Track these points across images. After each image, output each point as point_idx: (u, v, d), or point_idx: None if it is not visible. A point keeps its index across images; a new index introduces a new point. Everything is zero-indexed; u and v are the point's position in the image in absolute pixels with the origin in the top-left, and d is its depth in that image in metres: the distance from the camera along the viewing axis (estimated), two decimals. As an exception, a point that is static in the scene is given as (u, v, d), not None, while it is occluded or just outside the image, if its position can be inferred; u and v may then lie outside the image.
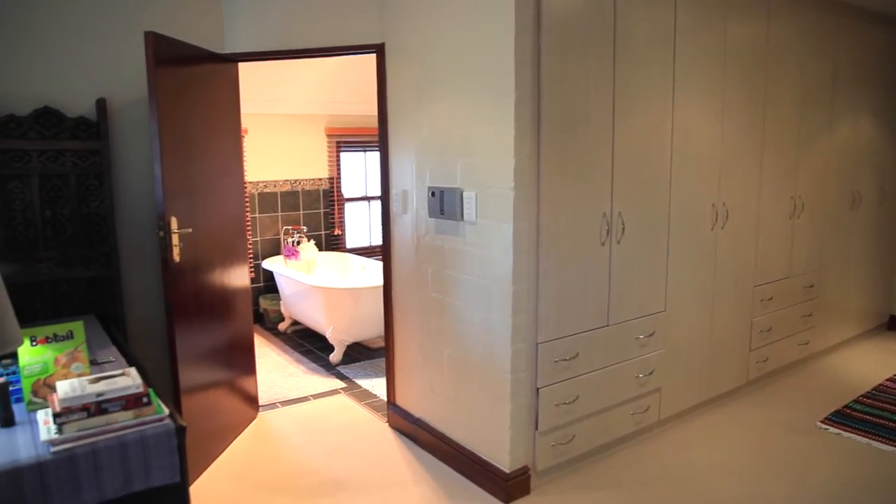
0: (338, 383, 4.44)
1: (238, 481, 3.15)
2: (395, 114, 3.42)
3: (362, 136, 6.57)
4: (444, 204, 3.03)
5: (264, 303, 5.94)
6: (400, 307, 3.55)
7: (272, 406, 4.06)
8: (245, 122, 3.81)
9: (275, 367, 4.77)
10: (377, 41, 3.43)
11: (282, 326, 5.76)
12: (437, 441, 3.30)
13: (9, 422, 1.95)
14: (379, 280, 4.67)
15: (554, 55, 2.71)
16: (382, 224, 3.59)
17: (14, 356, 2.17)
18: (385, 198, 3.55)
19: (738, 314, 3.88)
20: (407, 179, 3.36)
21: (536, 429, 2.93)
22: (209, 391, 3.37)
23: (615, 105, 2.99)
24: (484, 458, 3.01)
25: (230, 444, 3.54)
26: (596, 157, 2.96)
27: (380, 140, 3.53)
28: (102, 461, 1.84)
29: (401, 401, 3.65)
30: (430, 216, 3.17)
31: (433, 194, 3.10)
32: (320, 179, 6.40)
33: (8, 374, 2.12)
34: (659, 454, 3.33)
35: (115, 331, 3.03)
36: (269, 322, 5.93)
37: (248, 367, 3.83)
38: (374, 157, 6.80)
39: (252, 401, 3.87)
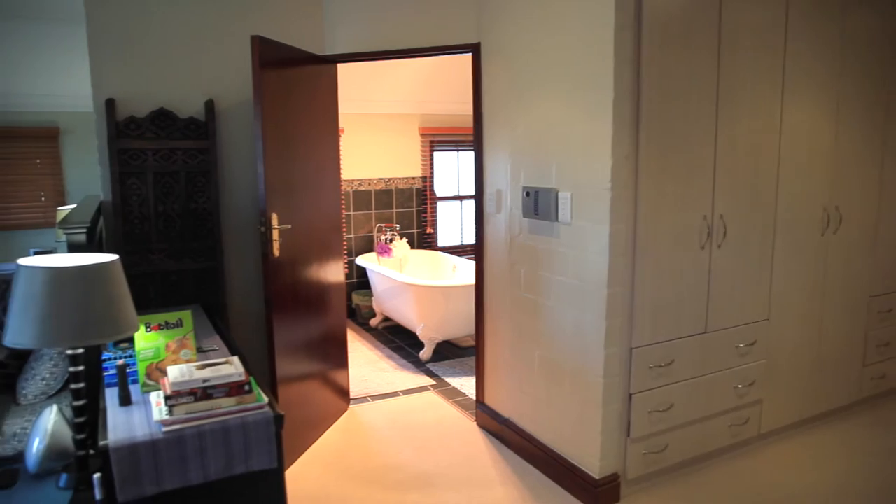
0: (427, 380, 4.48)
1: (329, 470, 3.24)
2: (490, 113, 3.42)
3: (455, 135, 6.61)
4: (538, 204, 3.00)
5: (357, 298, 6.09)
6: (491, 306, 3.55)
7: (363, 400, 4.15)
8: (341, 121, 3.91)
9: (366, 362, 4.88)
10: (473, 41, 3.44)
11: (373, 322, 5.89)
12: (526, 443, 3.27)
13: (126, 401, 2.09)
14: (470, 279, 4.69)
15: (655, 52, 2.63)
16: (476, 223, 3.60)
17: (130, 341, 2.32)
18: (479, 197, 3.56)
19: (850, 326, 3.64)
20: (501, 179, 3.35)
21: (628, 436, 2.86)
22: (304, 382, 3.48)
23: (719, 103, 2.87)
24: (573, 462, 2.96)
25: (322, 434, 3.64)
26: (697, 157, 2.85)
27: (474, 139, 3.53)
28: (207, 443, 1.94)
29: (489, 400, 3.64)
30: (523, 216, 3.15)
31: (528, 194, 3.08)
32: (413, 178, 6.49)
33: (126, 357, 2.27)
34: (757, 471, 3.16)
35: (218, 320, 3.18)
36: (360, 317, 6.07)
37: (341, 360, 3.93)
38: (466, 156, 6.84)
39: (343, 394, 3.97)
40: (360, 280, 6.27)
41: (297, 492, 3.03)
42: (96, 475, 1.90)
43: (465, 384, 4.35)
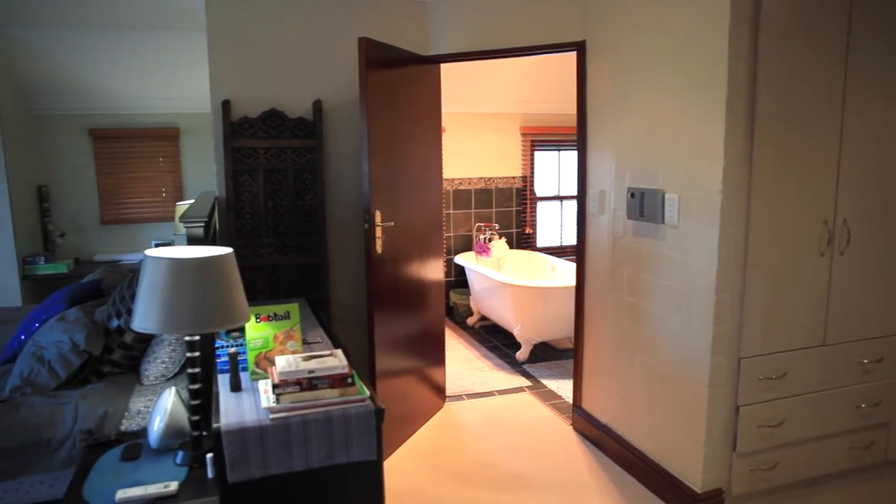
0: (523, 381, 4.45)
1: (423, 466, 3.28)
2: (594, 112, 3.35)
3: (557, 134, 6.53)
4: (643, 205, 2.91)
5: (454, 297, 6.13)
6: (592, 309, 3.48)
7: (458, 398, 4.18)
8: (443, 120, 3.96)
9: (462, 361, 4.91)
10: (578, 38, 3.38)
11: (470, 321, 5.91)
12: (623, 450, 3.18)
13: (237, 387, 2.20)
14: (569, 280, 4.62)
15: (773, 47, 2.49)
16: (577, 224, 3.54)
17: (241, 330, 2.45)
18: (581, 198, 3.49)
19: None
20: (605, 179, 3.28)
21: (734, 450, 2.72)
22: (401, 377, 3.55)
23: (845, 101, 2.67)
24: (673, 473, 2.85)
25: (417, 429, 3.69)
26: (818, 159, 2.67)
27: (578, 139, 3.48)
28: (311, 432, 2.01)
29: (587, 405, 3.57)
30: (628, 217, 3.07)
31: (632, 195, 2.99)
32: (513, 178, 6.47)
33: (237, 346, 2.39)
34: (880, 501, 2.93)
35: (321, 314, 3.29)
36: (458, 316, 6.11)
37: (438, 358, 3.98)
38: (568, 156, 6.74)
39: (440, 391, 4.01)
40: (457, 278, 6.31)
41: (392, 485, 3.08)
42: (209, 455, 2.01)
43: (562, 387, 4.28)
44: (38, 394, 2.50)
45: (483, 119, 6.27)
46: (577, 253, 3.56)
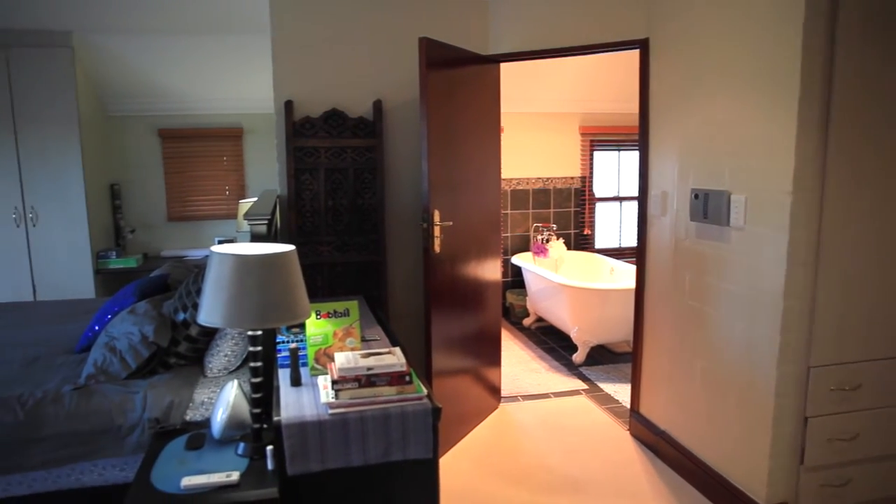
0: (579, 384, 4.40)
1: (478, 466, 3.28)
2: (657, 111, 3.28)
3: (617, 134, 6.42)
4: (708, 207, 2.83)
5: (511, 297, 6.11)
6: (652, 312, 3.41)
7: (513, 399, 4.15)
8: (501, 120, 3.94)
9: (518, 361, 4.88)
10: (641, 36, 3.32)
11: (526, 322, 5.87)
12: (682, 458, 3.11)
13: (297, 382, 2.25)
14: (628, 283, 4.54)
15: (852, 41, 2.38)
16: (638, 226, 3.47)
17: (302, 326, 2.49)
18: (642, 198, 3.43)
19: None
20: (667, 180, 3.21)
21: (801, 463, 2.62)
22: (457, 377, 3.55)
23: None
24: (735, 485, 2.76)
25: (472, 429, 3.69)
26: (899, 159, 2.54)
27: (640, 139, 3.41)
28: (368, 429, 2.03)
29: (645, 410, 3.50)
30: (691, 219, 2.99)
31: (696, 196, 2.92)
32: (572, 178, 6.40)
33: (297, 341, 2.43)
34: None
35: (379, 312, 3.32)
36: (514, 316, 6.08)
37: (494, 358, 3.96)
38: (628, 156, 6.62)
39: (495, 391, 4.00)
40: (514, 279, 6.28)
41: (447, 484, 3.09)
42: (269, 447, 2.06)
43: (619, 391, 4.21)
44: (111, 382, 2.61)
45: (542, 118, 6.22)
46: (637, 255, 3.50)
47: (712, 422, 2.91)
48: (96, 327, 3.09)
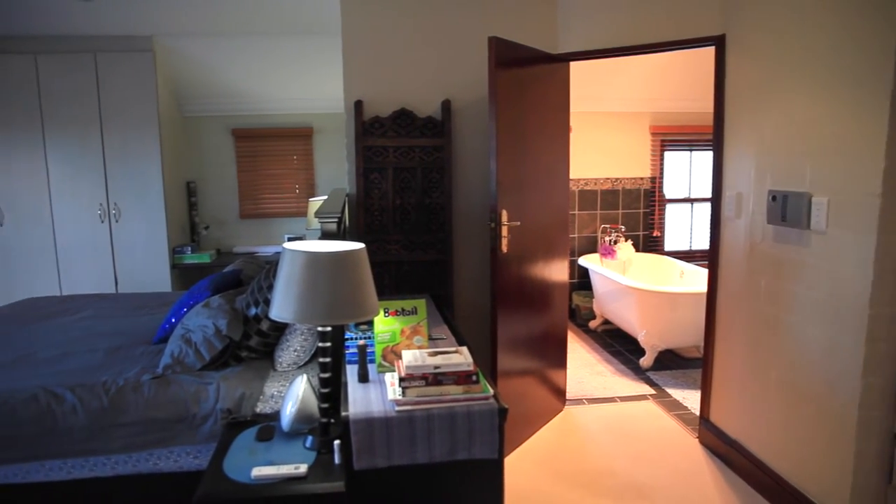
0: (646, 389, 4.30)
1: (541, 468, 3.25)
2: (732, 110, 3.17)
3: (689, 134, 6.25)
4: (786, 209, 2.72)
5: (577, 299, 6.03)
6: (724, 318, 3.30)
7: (578, 402, 4.10)
8: (570, 120, 3.90)
9: (583, 364, 4.81)
10: (717, 32, 3.22)
11: (592, 324, 5.79)
12: (755, 469, 2.99)
13: (364, 378, 2.27)
14: (699, 286, 4.41)
15: (950, 36, 2.24)
16: (711, 228, 3.36)
17: (369, 323, 2.52)
18: (716, 200, 3.32)
19: None
20: (743, 181, 3.10)
21: (889, 482, 2.48)
22: (522, 378, 3.53)
23: None
24: (813, 500, 2.64)
25: (536, 431, 3.66)
26: None
27: (714, 138, 3.31)
28: (434, 427, 2.04)
29: (715, 418, 3.39)
30: (767, 222, 2.88)
31: (774, 198, 2.80)
32: (641, 179, 6.26)
33: (365, 338, 2.46)
34: None
35: (445, 310, 3.33)
36: (580, 318, 6.00)
37: (560, 360, 3.92)
38: (700, 156, 6.43)
39: (560, 394, 3.95)
40: (581, 280, 6.20)
41: (510, 485, 3.07)
42: (336, 442, 2.09)
43: (688, 397, 4.10)
44: (186, 373, 2.71)
45: (611, 118, 6.11)
46: (709, 258, 3.39)
47: (789, 433, 2.80)
48: (173, 319, 3.21)
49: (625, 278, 4.96)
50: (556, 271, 3.80)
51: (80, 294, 4.69)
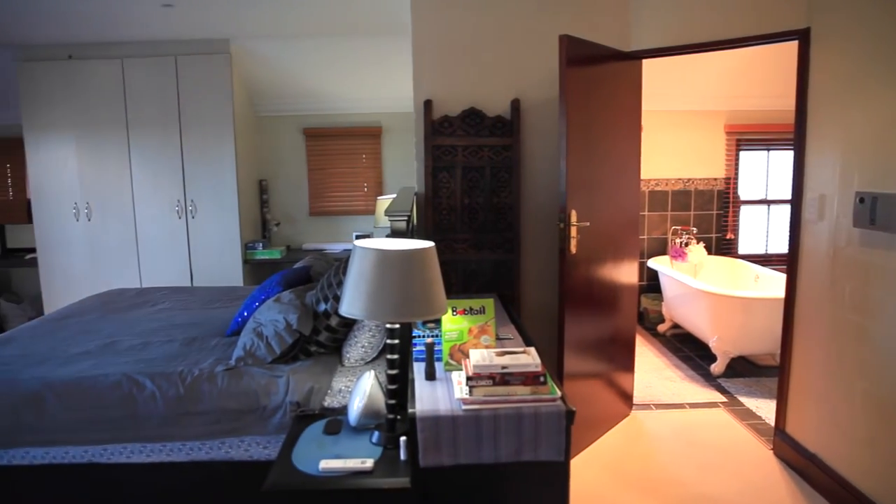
0: (717, 396, 4.16)
1: (606, 473, 3.19)
2: (816, 107, 3.03)
3: (767, 132, 6.01)
4: (876, 212, 2.58)
5: (645, 302, 5.89)
6: (803, 325, 3.16)
7: (646, 407, 4.00)
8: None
9: (651, 369, 4.70)
10: (801, 26, 3.08)
11: (661, 328, 5.65)
12: (835, 485, 2.85)
13: (431, 376, 2.28)
14: (776, 292, 4.24)
15: None
16: (790, 231, 3.23)
17: (437, 322, 2.53)
18: (796, 202, 3.18)
19: None
20: (826, 182, 2.96)
21: (985, 502, 2.33)
22: (589, 380, 3.47)
23: None
24: (901, 519, 2.50)
25: (601, 435, 3.60)
26: None
27: (795, 137, 3.17)
28: (501, 427, 2.02)
29: (792, 429, 3.25)
30: (854, 225, 2.73)
31: (862, 200, 2.66)
32: (715, 179, 6.07)
33: (433, 336, 2.47)
34: None
35: (512, 310, 3.31)
36: (648, 322, 5.87)
37: (627, 363, 3.84)
38: (778, 156, 6.17)
39: (627, 398, 3.87)
40: (650, 283, 6.06)
41: (574, 488, 3.00)
42: (403, 438, 2.10)
43: (762, 407, 3.94)
44: (257, 365, 2.78)
45: (683, 117, 5.95)
46: (787, 263, 3.25)
47: (875, 449, 2.65)
48: (245, 313, 3.30)
49: (696, 281, 4.82)
50: (625, 273, 3.72)
51: (158, 286, 4.90)
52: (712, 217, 6.10)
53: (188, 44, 5.30)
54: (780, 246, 6.14)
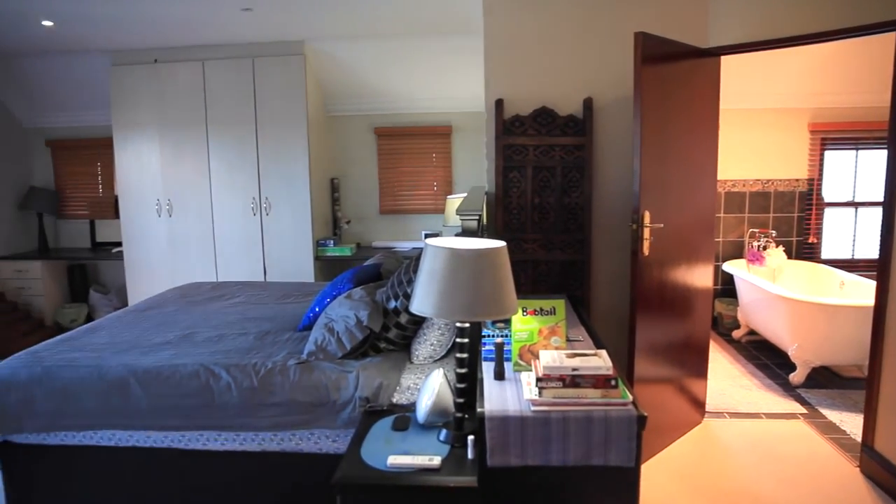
0: (796, 407, 3.98)
1: (676, 482, 3.10)
2: (914, 105, 2.86)
3: (855, 131, 5.70)
4: (978, 216, 2.41)
5: (720, 306, 5.70)
6: (894, 335, 2.98)
7: (719, 415, 3.87)
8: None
9: (725, 376, 4.54)
10: (898, 18, 2.91)
11: (736, 334, 5.45)
12: (929, 505, 2.69)
13: (500, 376, 2.27)
14: (864, 299, 4.03)
15: None
16: (882, 235, 3.05)
17: (507, 322, 2.51)
18: (889, 204, 3.01)
19: None
20: (923, 184, 2.79)
21: None
22: (659, 385, 3.39)
23: None
24: None
25: (672, 442, 3.50)
26: None
27: (889, 135, 2.99)
28: (570, 429, 1.99)
29: (881, 446, 3.08)
30: (953, 230, 2.57)
31: (962, 203, 2.50)
32: (797, 180, 5.81)
33: (502, 336, 2.46)
34: None
35: (582, 311, 3.26)
36: (722, 327, 5.67)
37: (700, 370, 3.72)
38: (869, 155, 5.84)
39: (699, 405, 3.75)
40: (724, 287, 5.86)
41: (643, 495, 2.94)
42: (471, 437, 2.10)
43: (847, 421, 3.75)
44: (328, 360, 2.83)
45: (763, 115, 5.71)
46: (878, 269, 3.08)
47: (972, 468, 2.48)
48: (317, 308, 3.37)
49: (775, 286, 4.63)
50: (700, 277, 3.61)
51: (232, 281, 5.06)
52: (793, 220, 5.85)
53: (265, 46, 5.46)
54: (869, 251, 5.81)
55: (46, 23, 4.60)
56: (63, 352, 3.06)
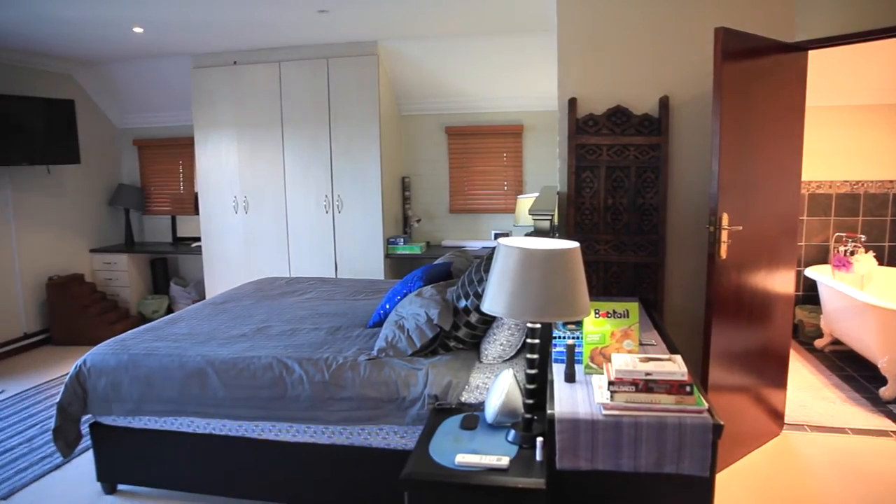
0: (887, 424, 3.76)
1: (752, 494, 2.98)
2: None
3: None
4: None
5: (801, 313, 5.45)
6: None
7: (799, 427, 3.70)
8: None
9: (806, 387, 4.34)
10: None
11: (818, 343, 5.20)
12: None
13: (571, 378, 2.24)
14: (962, 310, 3.78)
15: None
16: (984, 241, 2.86)
17: (578, 323, 2.48)
18: None
19: None
20: None
21: None
22: (735, 394, 3.27)
23: None
24: None
25: (747, 454, 3.38)
26: None
27: None
28: (642, 435, 1.95)
29: (979, 466, 2.88)
30: None
31: None
32: (891, 182, 5.48)
33: (573, 338, 2.43)
34: None
35: (656, 316, 3.18)
36: (803, 335, 5.42)
37: (779, 379, 3.57)
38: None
39: (777, 416, 3.61)
40: (806, 294, 5.60)
41: (719, 507, 2.86)
42: (539, 439, 2.08)
43: (943, 438, 3.53)
44: (398, 357, 2.86)
45: (852, 112, 5.42)
46: (981, 277, 2.88)
47: None
48: (387, 306, 3.41)
49: (864, 294, 4.39)
50: (780, 282, 3.46)
51: (305, 277, 5.19)
52: (885, 224, 5.53)
53: (339, 46, 5.57)
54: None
55: (137, 29, 4.83)
56: (147, 341, 3.22)
